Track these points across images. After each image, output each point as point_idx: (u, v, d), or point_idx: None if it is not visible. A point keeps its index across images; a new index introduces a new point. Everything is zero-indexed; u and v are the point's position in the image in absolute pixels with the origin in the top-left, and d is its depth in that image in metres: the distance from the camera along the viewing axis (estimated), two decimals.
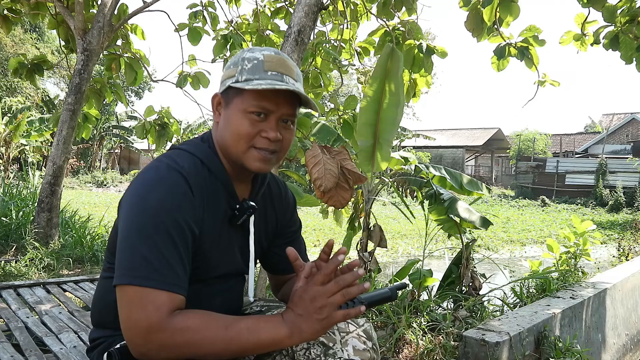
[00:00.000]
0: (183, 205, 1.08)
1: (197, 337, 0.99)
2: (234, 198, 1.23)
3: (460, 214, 3.52)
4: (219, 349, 1.00)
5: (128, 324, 1.00)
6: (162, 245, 1.02)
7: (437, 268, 5.30)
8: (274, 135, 1.15)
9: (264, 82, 1.11)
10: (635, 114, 33.27)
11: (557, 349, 2.51)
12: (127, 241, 1.04)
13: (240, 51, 1.20)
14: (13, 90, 20.82)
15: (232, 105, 1.16)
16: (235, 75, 1.15)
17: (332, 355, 1.19)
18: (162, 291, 1.00)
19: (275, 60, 1.15)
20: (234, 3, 5.93)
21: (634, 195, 19.65)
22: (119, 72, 6.19)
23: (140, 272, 1.00)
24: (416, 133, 25.26)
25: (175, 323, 0.99)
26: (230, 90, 1.16)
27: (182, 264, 1.05)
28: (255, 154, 1.16)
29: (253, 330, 1.01)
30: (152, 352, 0.99)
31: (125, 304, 1.01)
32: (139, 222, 1.04)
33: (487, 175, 34.29)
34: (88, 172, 25.78)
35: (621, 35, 4.08)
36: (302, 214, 14.74)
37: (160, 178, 1.09)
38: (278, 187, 1.41)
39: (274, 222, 1.39)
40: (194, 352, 0.99)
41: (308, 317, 1.01)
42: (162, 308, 0.99)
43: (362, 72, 5.63)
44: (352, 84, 26.90)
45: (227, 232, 1.23)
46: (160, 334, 0.98)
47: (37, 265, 4.56)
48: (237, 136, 1.15)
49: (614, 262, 6.19)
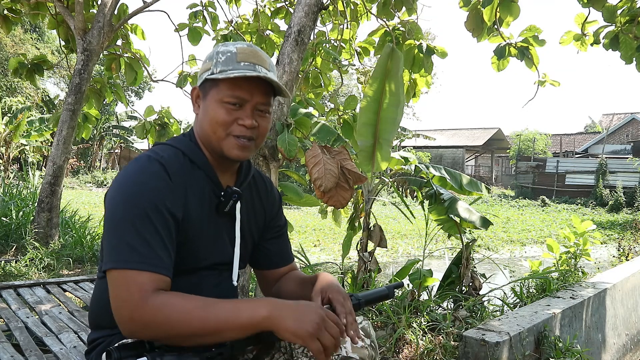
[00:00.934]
0: (161, 190, 1.12)
1: (176, 315, 1.01)
2: (218, 186, 1.26)
3: (460, 214, 3.52)
4: (197, 328, 1.02)
5: (115, 304, 1.04)
6: (142, 229, 1.06)
7: (437, 268, 5.30)
8: (249, 123, 1.20)
9: (237, 71, 1.16)
10: (635, 114, 33.27)
11: (557, 349, 2.51)
12: (109, 228, 1.09)
13: (215, 46, 1.25)
14: (13, 90, 20.82)
15: (209, 96, 1.21)
16: (211, 68, 1.20)
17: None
18: (144, 272, 1.04)
19: (248, 52, 1.20)
20: (234, 3, 5.94)
21: (634, 195, 19.65)
22: (119, 72, 6.20)
23: (122, 256, 1.04)
24: (416, 133, 25.26)
25: (157, 301, 1.02)
26: (207, 82, 1.22)
27: (164, 246, 1.08)
28: (233, 141, 1.21)
29: (232, 310, 1.04)
30: (138, 331, 1.03)
31: (112, 288, 1.05)
32: (120, 209, 1.09)
33: (487, 175, 34.28)
34: (88, 172, 25.77)
35: (621, 35, 4.08)
36: (302, 214, 14.74)
37: (139, 167, 1.14)
38: (263, 181, 1.46)
39: (262, 214, 1.41)
40: (174, 330, 1.02)
41: (301, 318, 1.03)
42: (144, 287, 1.03)
43: (362, 72, 5.63)
44: (352, 84, 26.89)
45: (216, 222, 1.25)
46: (143, 312, 1.01)
47: (37, 265, 4.56)
48: (214, 125, 1.20)
49: (614, 262, 6.19)
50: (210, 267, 1.26)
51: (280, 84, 1.21)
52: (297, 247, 4.36)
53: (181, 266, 1.21)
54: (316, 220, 12.64)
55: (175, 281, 1.19)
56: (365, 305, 1.35)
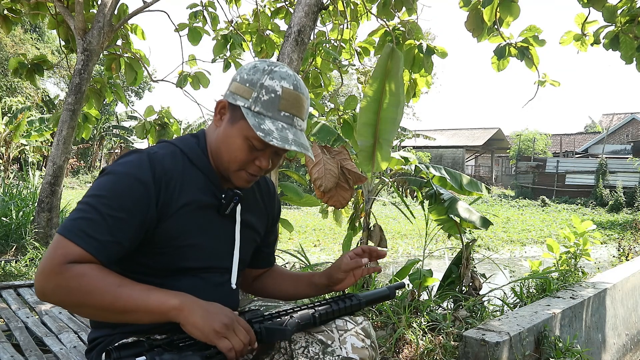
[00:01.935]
0: (136, 185, 1.11)
1: (89, 286, 1.03)
2: (218, 188, 1.25)
3: (460, 214, 3.52)
4: (107, 303, 1.04)
5: (40, 264, 1.06)
6: (97, 214, 1.07)
7: (437, 268, 5.30)
8: (266, 165, 1.20)
9: (274, 126, 1.13)
10: (635, 114, 33.27)
11: (557, 349, 2.51)
12: (78, 204, 1.11)
13: (261, 71, 1.17)
14: (13, 90, 20.82)
15: (237, 125, 1.17)
16: (250, 100, 1.15)
17: (330, 353, 1.21)
18: (77, 246, 1.05)
19: (292, 100, 1.16)
20: (234, 3, 5.94)
21: (634, 195, 19.64)
22: (119, 72, 6.19)
23: (69, 227, 1.06)
24: (416, 133, 25.27)
25: (74, 269, 1.03)
26: (239, 109, 1.17)
27: (110, 235, 1.08)
28: (244, 175, 1.22)
29: (144, 294, 1.05)
30: (48, 293, 1.04)
31: (48, 249, 1.07)
32: (90, 192, 1.11)
33: (487, 175, 34.29)
34: (88, 172, 25.78)
35: (621, 35, 4.08)
36: (302, 214, 14.75)
37: (126, 160, 1.16)
38: (267, 184, 1.46)
39: (265, 216, 1.42)
40: (84, 300, 1.03)
41: (211, 317, 1.05)
42: (68, 256, 1.04)
43: (362, 72, 5.63)
44: (352, 84, 26.89)
45: (218, 224, 1.25)
46: (58, 276, 1.02)
47: (37, 265, 4.55)
48: (232, 158, 1.19)
49: (614, 262, 6.19)
50: (210, 269, 1.26)
51: (308, 148, 1.19)
52: (297, 247, 4.36)
53: (180, 266, 1.21)
54: (316, 220, 12.64)
55: (175, 282, 1.20)
56: (366, 306, 1.35)
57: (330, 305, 1.28)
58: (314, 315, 1.23)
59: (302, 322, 1.21)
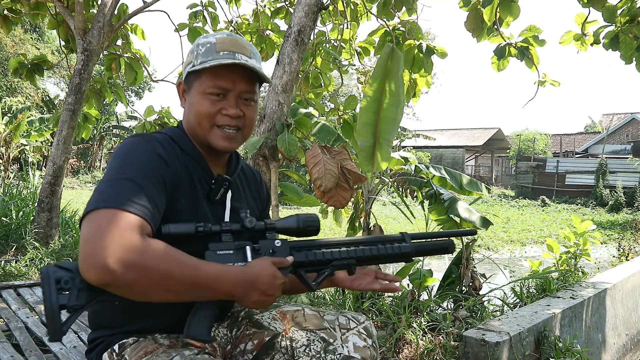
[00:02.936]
0: (155, 157, 1.11)
1: (170, 264, 0.96)
2: (208, 174, 1.26)
3: (460, 214, 3.52)
4: (186, 287, 0.99)
5: (92, 239, 0.91)
6: (134, 181, 1.02)
7: (437, 268, 5.30)
8: (233, 112, 1.20)
9: (216, 61, 1.16)
10: (635, 114, 33.26)
11: (557, 349, 2.51)
12: (101, 184, 1.04)
13: (197, 38, 1.25)
14: (13, 90, 20.81)
15: (193, 89, 1.22)
16: (192, 61, 1.21)
17: (332, 352, 1.21)
18: (135, 215, 0.97)
19: (227, 41, 1.20)
20: (234, 3, 5.94)
21: (634, 195, 19.64)
22: (119, 72, 6.19)
23: (113, 197, 0.98)
24: (416, 133, 25.24)
25: (152, 244, 0.96)
26: (190, 75, 1.22)
27: (152, 201, 1.03)
28: (218, 132, 1.21)
29: (217, 281, 1.03)
30: (115, 274, 0.90)
31: (93, 225, 0.94)
32: (112, 170, 1.06)
33: (487, 175, 34.27)
34: (88, 172, 25.77)
35: (621, 35, 4.08)
36: None
37: (135, 140, 1.14)
38: (253, 173, 1.47)
39: (254, 206, 1.42)
40: (162, 281, 0.95)
41: (261, 296, 1.08)
42: (136, 229, 0.95)
43: (362, 72, 5.63)
44: (352, 84, 26.88)
45: (206, 210, 1.24)
46: (135, 251, 0.92)
47: (37, 265, 4.55)
48: (199, 117, 1.20)
49: (614, 262, 6.18)
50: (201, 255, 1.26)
51: (260, 69, 1.21)
52: None
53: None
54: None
55: None
56: (416, 256, 1.29)
57: (377, 247, 1.26)
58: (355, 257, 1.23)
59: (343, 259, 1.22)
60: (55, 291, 0.95)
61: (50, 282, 0.96)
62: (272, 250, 1.18)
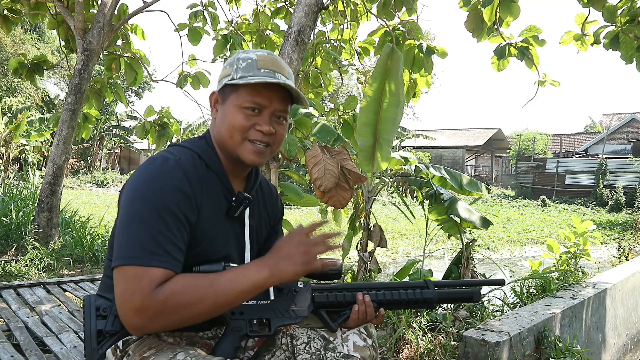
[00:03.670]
0: (179, 194, 1.12)
1: (186, 298, 1.03)
2: (230, 190, 1.26)
3: (460, 214, 3.52)
4: (209, 306, 1.05)
5: (122, 299, 1.03)
6: (155, 228, 1.06)
7: (437, 268, 5.30)
8: (267, 129, 1.20)
9: (257, 78, 1.17)
10: (635, 114, 33.26)
11: (557, 349, 2.51)
12: (123, 227, 1.09)
13: (236, 52, 1.27)
14: (13, 90, 20.81)
15: (228, 101, 1.22)
16: (231, 73, 1.21)
17: (332, 350, 1.22)
18: (153, 268, 1.04)
19: (268, 60, 1.22)
20: (234, 3, 5.94)
21: (634, 195, 19.63)
22: (119, 72, 6.20)
23: (133, 253, 1.05)
24: (416, 133, 25.27)
25: (163, 290, 1.03)
26: (227, 87, 1.23)
27: (174, 245, 1.08)
28: (249, 146, 1.22)
29: (236, 280, 1.08)
30: (146, 323, 1.03)
31: (120, 283, 1.05)
32: (134, 208, 1.09)
33: (487, 175, 34.27)
34: (88, 172, 25.77)
35: (621, 35, 4.08)
36: (302, 214, 14.74)
37: (157, 168, 1.14)
38: (270, 189, 1.47)
39: (267, 221, 1.42)
40: (186, 313, 1.04)
41: (291, 258, 1.10)
42: (153, 283, 1.03)
43: (362, 72, 5.63)
44: (352, 84, 26.88)
45: (225, 226, 1.25)
46: (153, 302, 1.01)
47: (37, 265, 4.56)
48: (232, 129, 1.21)
49: (614, 262, 6.19)
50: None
51: (299, 92, 1.23)
52: None
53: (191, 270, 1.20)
54: (316, 220, 12.62)
55: None
56: (439, 303, 1.35)
57: (399, 292, 1.29)
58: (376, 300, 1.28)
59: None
60: (94, 317, 1.14)
61: (91, 309, 1.15)
62: (294, 291, 1.23)
